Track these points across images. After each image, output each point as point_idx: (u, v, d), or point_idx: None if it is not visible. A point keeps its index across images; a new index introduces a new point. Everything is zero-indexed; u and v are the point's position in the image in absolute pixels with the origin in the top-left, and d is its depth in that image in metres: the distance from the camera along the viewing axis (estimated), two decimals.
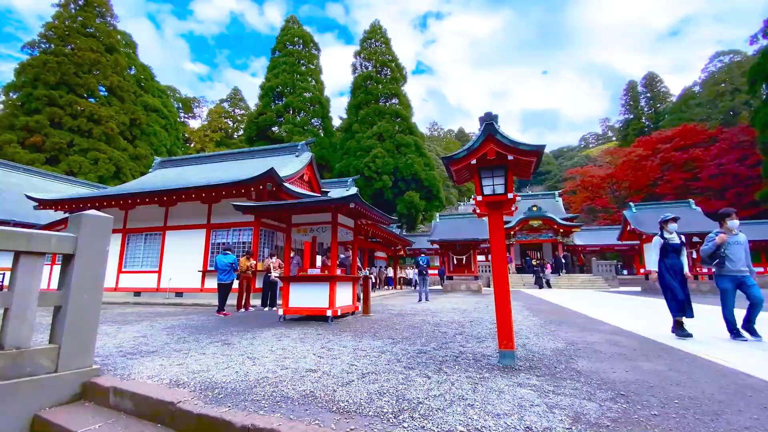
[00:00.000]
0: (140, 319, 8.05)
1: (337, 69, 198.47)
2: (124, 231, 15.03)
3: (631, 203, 24.14)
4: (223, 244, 13.14)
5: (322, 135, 44.02)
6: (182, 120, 62.29)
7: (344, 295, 8.22)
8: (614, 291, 20.78)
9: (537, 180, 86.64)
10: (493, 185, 4.37)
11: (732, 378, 3.29)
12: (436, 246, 24.19)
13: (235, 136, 63.53)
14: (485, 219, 4.71)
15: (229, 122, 66.49)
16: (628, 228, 20.84)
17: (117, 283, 14.61)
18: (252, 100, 73.93)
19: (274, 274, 10.49)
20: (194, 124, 69.10)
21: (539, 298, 14.48)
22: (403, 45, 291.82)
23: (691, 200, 24.69)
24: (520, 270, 30.09)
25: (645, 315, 8.59)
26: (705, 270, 17.67)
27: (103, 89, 36.98)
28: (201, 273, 13.32)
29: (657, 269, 5.56)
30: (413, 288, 25.09)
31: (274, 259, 10.98)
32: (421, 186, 38.63)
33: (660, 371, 3.54)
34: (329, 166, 41.83)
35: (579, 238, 32.51)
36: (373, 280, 20.66)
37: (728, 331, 5.23)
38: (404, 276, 25.74)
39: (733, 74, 50.43)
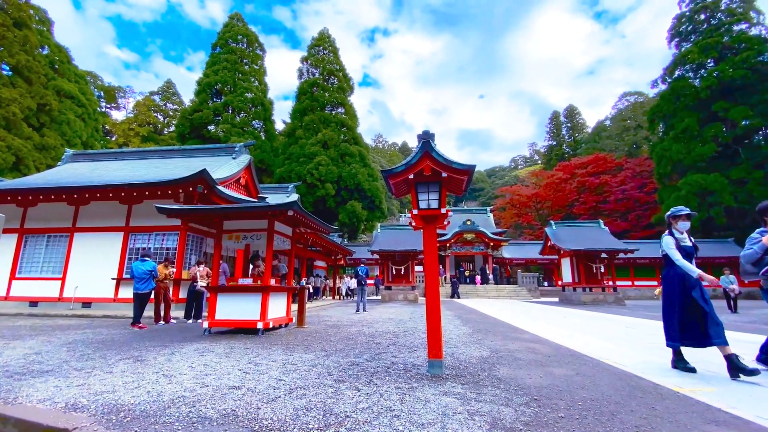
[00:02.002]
0: (35, 333, 6.98)
1: (282, 72, 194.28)
2: (20, 231, 13.03)
3: (551, 221, 26.59)
4: (143, 249, 11.98)
5: (264, 138, 42.44)
6: (103, 110, 56.15)
7: (278, 307, 7.92)
8: (536, 301, 22.57)
9: (472, 196, 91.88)
10: (428, 200, 4.56)
11: (626, 380, 3.74)
12: (376, 256, 24.40)
13: (166, 133, 58.72)
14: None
15: (160, 117, 61.37)
16: (549, 243, 22.88)
17: (8, 291, 12.55)
18: (187, 95, 69.28)
19: (201, 283, 9.79)
20: (118, 115, 62.73)
21: (470, 308, 15.22)
22: (350, 56, 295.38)
23: (600, 220, 27.84)
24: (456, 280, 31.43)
25: (560, 324, 9.42)
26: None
27: (8, 68, 32.08)
28: (115, 281, 11.97)
29: (698, 271, 4.16)
30: (352, 298, 24.95)
31: (201, 267, 10.24)
32: (364, 196, 38.86)
33: (568, 376, 3.90)
34: (270, 170, 40.39)
35: (507, 252, 34.92)
36: (311, 291, 20.17)
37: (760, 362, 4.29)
38: (340, 286, 25.49)
39: (637, 112, 58.42)
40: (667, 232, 4.49)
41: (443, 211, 4.50)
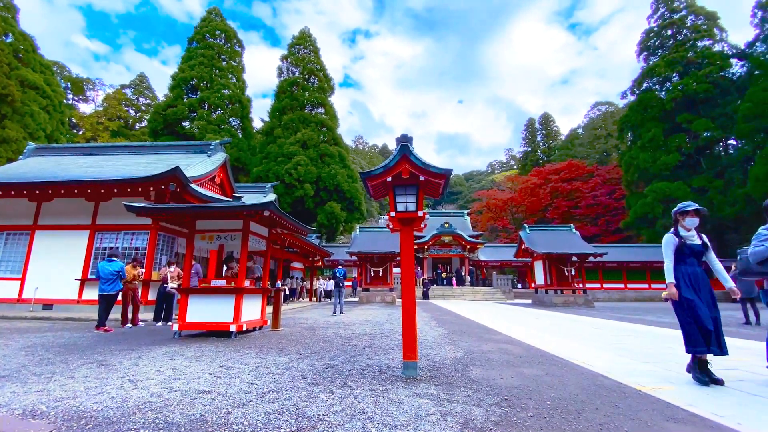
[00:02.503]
0: None
1: (261, 70, 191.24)
2: None
3: (526, 225, 27.26)
4: (111, 248, 11.50)
5: (241, 136, 41.53)
6: (70, 102, 53.51)
7: (252, 309, 7.77)
8: (510, 303, 23.09)
9: (450, 199, 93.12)
10: (406, 203, 4.60)
11: (592, 380, 3.88)
12: (355, 258, 24.32)
13: (137, 128, 56.55)
14: None
15: (131, 111, 59.05)
16: (523, 247, 23.46)
17: None
18: (161, 89, 67.09)
19: (172, 285, 9.48)
20: (86, 108, 59.86)
21: (446, 310, 15.41)
22: (331, 57, 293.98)
23: (572, 225, 28.79)
24: (432, 282, 31.72)
25: (532, 325, 9.67)
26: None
27: None
28: (80, 282, 11.42)
29: (673, 281, 3.87)
30: (329, 300, 24.75)
31: (172, 268, 9.93)
32: (344, 197, 38.68)
33: (538, 376, 4.02)
34: (247, 169, 39.58)
35: (483, 254, 35.55)
36: (287, 292, 19.89)
37: None
38: (318, 287, 24.97)
39: (608, 122, 60.86)
40: (672, 230, 4.09)
41: (420, 213, 4.55)
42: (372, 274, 22.85)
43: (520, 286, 34.16)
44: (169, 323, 9.16)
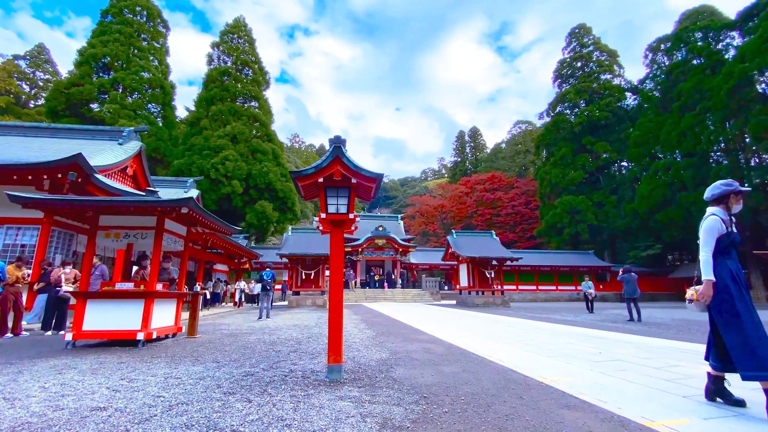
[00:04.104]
0: None
1: (188, 55, 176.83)
2: None
3: (453, 230, 28.84)
4: None
5: (161, 125, 37.78)
6: None
7: (164, 315, 7.09)
8: (437, 304, 24.13)
9: (385, 203, 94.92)
10: (338, 204, 4.58)
11: (503, 374, 4.21)
12: (285, 260, 23.48)
13: (32, 106, 48.58)
14: None
15: (25, 86, 50.51)
16: (450, 251, 24.76)
17: None
18: (65, 65, 58.52)
19: (66, 288, 8.28)
20: None
21: (377, 312, 15.59)
22: (268, 50, 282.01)
23: (492, 231, 31.17)
24: (364, 285, 31.91)
25: (455, 325, 10.21)
26: None
27: None
28: None
29: (712, 278, 2.95)
30: (254, 304, 23.51)
31: (68, 269, 8.68)
32: (276, 196, 37.20)
33: (456, 373, 4.25)
34: (166, 161, 36.13)
35: (414, 257, 36.74)
36: (208, 297, 18.53)
37: None
38: (243, 290, 22.52)
39: (527, 139, 67.05)
40: (717, 209, 3.13)
41: (351, 216, 4.55)
42: (303, 277, 22.27)
43: (446, 287, 35.92)
44: (62, 332, 7.98)
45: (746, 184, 29.63)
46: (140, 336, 6.15)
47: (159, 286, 6.65)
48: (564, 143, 43.29)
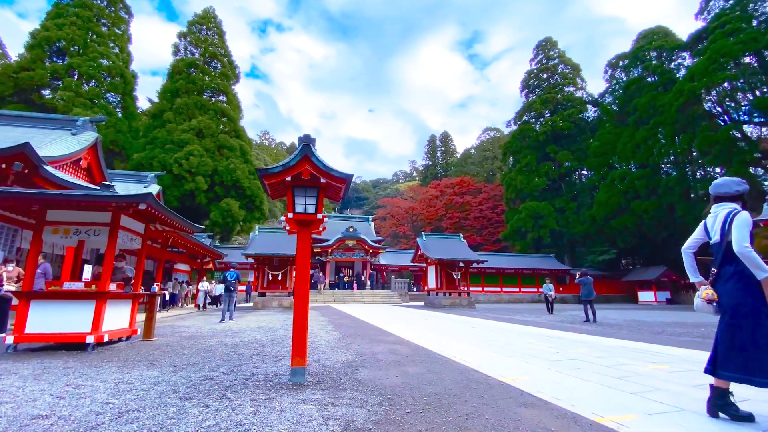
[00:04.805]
0: None
1: (152, 44, 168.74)
2: None
3: (423, 233, 29.21)
4: None
5: (120, 115, 35.70)
6: None
7: (118, 316, 6.70)
8: (405, 305, 24.32)
9: (357, 204, 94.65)
10: (305, 204, 4.51)
11: (466, 374, 4.30)
12: (251, 260, 22.84)
13: None
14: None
15: None
16: (419, 252, 25.06)
17: None
18: (14, 48, 54.20)
19: (8, 287, 7.63)
20: None
21: (345, 313, 15.49)
22: (238, 43, 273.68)
23: (460, 234, 31.87)
24: (333, 286, 31.61)
25: (422, 326, 10.32)
26: None
27: None
28: None
29: (740, 277, 2.72)
30: (216, 306, 22.69)
31: (10, 267, 7.99)
32: (243, 194, 36.14)
33: (420, 374, 4.29)
34: (126, 154, 34.19)
35: (384, 259, 36.86)
36: (167, 298, 17.70)
37: None
38: (207, 291, 21.08)
39: (495, 146, 69.08)
40: (741, 206, 2.89)
41: (319, 216, 4.50)
42: (270, 278, 21.77)
43: (415, 289, 36.26)
44: (2, 335, 7.33)
45: (692, 195, 32.10)
46: (90, 339, 5.77)
47: (112, 287, 6.28)
48: (529, 151, 45.01)
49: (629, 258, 43.30)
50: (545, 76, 48.31)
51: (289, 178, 4.41)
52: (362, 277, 32.28)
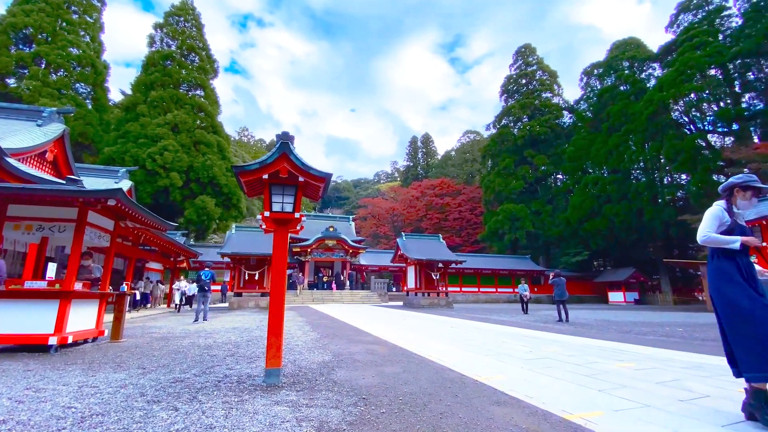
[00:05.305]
0: None
1: (125, 34, 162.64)
2: None
3: (403, 233, 29.35)
4: None
5: (91, 107, 34.18)
6: None
7: (84, 317, 6.41)
8: (384, 305, 24.36)
9: (337, 203, 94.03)
10: (283, 203, 4.44)
11: (441, 374, 4.34)
12: (227, 259, 22.33)
13: None
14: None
15: None
16: (399, 253, 25.17)
17: None
18: None
19: None
20: None
21: (323, 313, 15.38)
22: (217, 37, 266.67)
23: (440, 235, 32.23)
24: (312, 286, 31.30)
25: (400, 326, 10.36)
26: None
27: None
28: None
29: (738, 241, 2.75)
30: (190, 307, 22.05)
31: None
32: (220, 192, 35.28)
33: (397, 373, 4.30)
34: (96, 148, 32.78)
35: (364, 259, 36.81)
36: (137, 297, 17.10)
37: None
38: (183, 290, 20.34)
39: (474, 148, 70.19)
40: (723, 203, 2.98)
41: (297, 215, 4.44)
42: (246, 278, 21.35)
43: (394, 289, 36.39)
44: None
45: (659, 200, 33.57)
46: (53, 341, 5.51)
47: (78, 286, 6.01)
48: (507, 154, 45.97)
49: (601, 260, 44.87)
50: (524, 81, 49.44)
51: (266, 176, 4.34)
52: (342, 277, 32.13)
